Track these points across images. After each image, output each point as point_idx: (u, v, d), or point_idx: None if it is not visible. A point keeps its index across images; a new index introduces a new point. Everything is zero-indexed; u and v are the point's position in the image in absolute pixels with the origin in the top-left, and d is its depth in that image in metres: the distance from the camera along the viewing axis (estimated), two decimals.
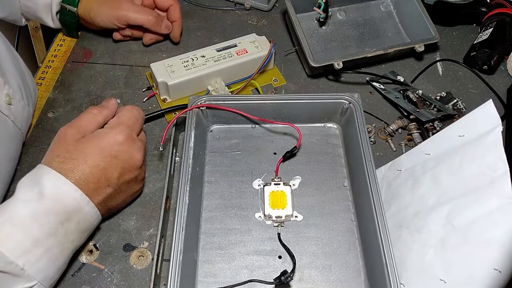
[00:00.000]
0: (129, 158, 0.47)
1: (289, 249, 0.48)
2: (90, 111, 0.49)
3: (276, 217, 0.51)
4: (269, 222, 0.51)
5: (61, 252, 0.43)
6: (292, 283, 0.47)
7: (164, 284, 0.47)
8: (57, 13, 0.67)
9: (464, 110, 0.62)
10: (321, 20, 0.72)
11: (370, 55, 0.65)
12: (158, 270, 0.46)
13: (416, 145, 0.58)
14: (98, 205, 0.46)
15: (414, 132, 0.60)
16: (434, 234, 0.45)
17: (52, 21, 0.68)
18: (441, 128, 0.58)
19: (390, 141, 0.60)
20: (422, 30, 0.69)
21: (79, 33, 0.73)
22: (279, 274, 0.45)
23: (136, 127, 0.50)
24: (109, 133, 0.47)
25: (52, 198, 0.42)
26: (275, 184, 0.54)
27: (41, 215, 0.42)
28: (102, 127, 0.49)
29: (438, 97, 0.64)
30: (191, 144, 0.52)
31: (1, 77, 0.51)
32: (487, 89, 0.67)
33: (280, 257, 0.49)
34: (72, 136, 0.46)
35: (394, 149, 0.60)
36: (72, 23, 0.68)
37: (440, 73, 0.70)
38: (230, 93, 0.64)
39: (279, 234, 0.50)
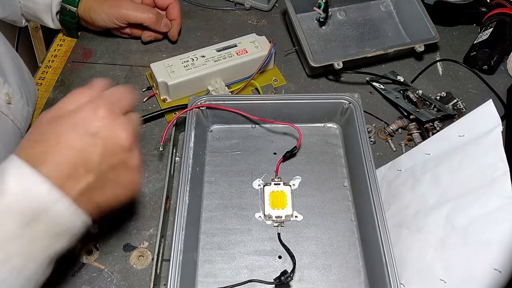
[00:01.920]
0: (111, 136, 0.38)
1: (289, 249, 0.48)
2: (72, 92, 0.41)
3: (276, 217, 0.51)
4: (269, 222, 0.51)
5: (28, 261, 0.34)
6: (292, 283, 0.47)
7: (164, 284, 0.47)
8: (57, 13, 0.67)
9: (464, 110, 0.62)
10: (321, 20, 0.72)
11: (370, 55, 0.65)
12: (158, 270, 0.46)
13: (416, 145, 0.58)
14: (78, 198, 0.36)
15: (414, 132, 0.60)
16: (434, 234, 0.45)
17: (52, 22, 0.68)
18: (441, 128, 0.58)
19: (390, 141, 0.60)
20: (422, 30, 0.69)
21: (79, 33, 0.73)
22: (279, 274, 0.45)
23: (122, 104, 0.41)
24: (85, 107, 0.38)
25: (14, 194, 0.34)
26: (275, 184, 0.54)
27: (0, 215, 0.33)
28: None
29: (438, 97, 0.64)
30: (191, 144, 0.52)
31: (0, 76, 0.51)
32: (487, 89, 0.67)
33: (280, 257, 0.49)
34: (47, 118, 0.38)
35: (394, 149, 0.60)
36: (72, 23, 0.68)
37: (440, 73, 0.70)
38: (230, 93, 0.64)
39: (279, 234, 0.50)
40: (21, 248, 0.34)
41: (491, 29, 0.69)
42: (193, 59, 0.63)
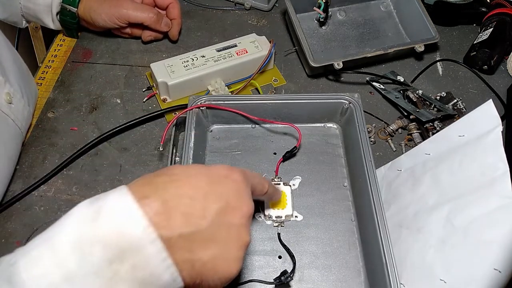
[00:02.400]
0: (239, 198, 0.35)
1: (289, 249, 0.48)
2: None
3: (276, 217, 0.51)
4: (269, 222, 0.51)
5: None
6: (292, 283, 0.47)
7: None
8: (57, 14, 0.67)
9: (464, 110, 0.62)
10: (321, 20, 0.72)
11: (370, 55, 0.65)
12: None
13: (416, 145, 0.58)
14: (178, 241, 0.31)
15: (414, 132, 0.60)
16: (434, 234, 0.45)
17: (52, 22, 0.68)
18: (441, 128, 0.58)
19: (390, 141, 0.60)
20: (422, 30, 0.69)
21: (79, 33, 0.73)
22: (279, 274, 0.45)
23: (254, 181, 0.39)
24: (222, 166, 0.36)
25: (108, 223, 0.29)
26: (275, 184, 0.54)
27: (87, 243, 0.29)
28: None
29: (438, 97, 0.64)
30: (191, 144, 0.52)
31: (1, 76, 0.51)
32: (487, 89, 0.67)
33: (280, 257, 0.49)
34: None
35: (394, 149, 0.60)
36: (73, 23, 0.68)
37: (440, 73, 0.70)
38: (230, 93, 0.64)
39: (279, 234, 0.50)
40: (98, 286, 0.29)
41: (491, 29, 0.69)
42: (193, 59, 0.63)
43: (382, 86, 0.66)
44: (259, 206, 0.52)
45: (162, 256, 0.30)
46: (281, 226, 0.51)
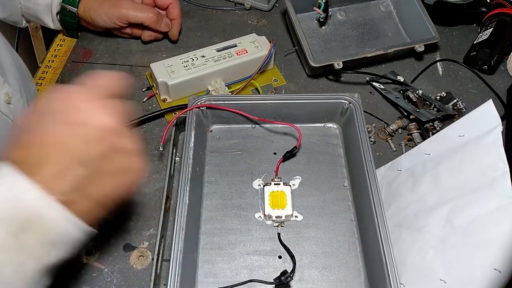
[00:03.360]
0: (93, 120, 0.34)
1: (289, 249, 0.48)
2: (55, 88, 0.37)
3: (276, 217, 0.51)
4: (269, 222, 0.51)
5: (19, 272, 0.31)
6: (292, 283, 0.47)
7: (164, 284, 0.47)
8: (57, 13, 0.67)
9: (464, 110, 0.62)
10: (321, 20, 0.72)
11: (370, 55, 0.65)
12: (158, 270, 0.46)
13: (416, 145, 0.58)
14: (72, 196, 0.33)
15: (414, 132, 0.60)
16: (434, 234, 0.45)
17: (52, 22, 0.68)
18: (441, 128, 0.58)
19: (390, 141, 0.60)
20: (422, 30, 0.69)
21: (79, 33, 0.73)
22: (279, 274, 0.45)
23: (106, 89, 0.37)
24: (64, 96, 0.35)
25: (2, 199, 0.31)
26: (275, 184, 0.54)
27: None
28: None
29: (438, 97, 0.64)
30: (191, 144, 0.52)
31: (0, 76, 0.51)
32: (487, 89, 0.67)
33: (280, 257, 0.49)
34: (33, 116, 0.35)
35: (394, 149, 0.60)
36: (72, 23, 0.68)
37: (440, 73, 0.70)
38: (230, 93, 0.64)
39: (279, 234, 0.50)
40: (11, 258, 0.31)
41: (491, 29, 0.69)
42: (193, 59, 0.63)
43: (382, 86, 0.66)
44: (259, 206, 0.52)
45: (64, 216, 0.32)
46: (281, 226, 0.51)
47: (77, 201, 0.33)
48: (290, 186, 0.54)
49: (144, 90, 0.65)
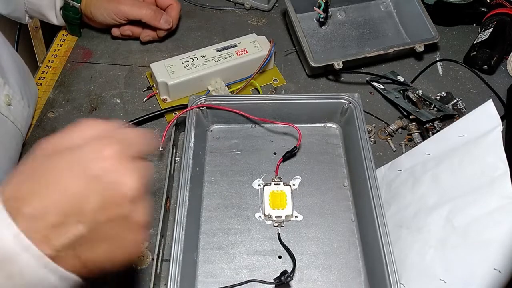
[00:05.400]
0: (116, 182, 0.31)
1: (289, 249, 0.48)
2: (80, 121, 0.34)
3: (276, 217, 0.51)
4: (269, 222, 0.51)
5: None
6: (292, 283, 0.47)
7: (165, 284, 0.47)
8: (60, 9, 0.67)
9: (464, 110, 0.62)
10: (321, 20, 0.72)
11: (370, 55, 0.65)
12: (158, 270, 0.46)
13: (416, 145, 0.58)
14: (62, 250, 0.29)
15: (414, 132, 0.60)
16: (434, 234, 0.45)
17: (55, 18, 0.68)
18: (441, 128, 0.58)
19: (390, 141, 0.60)
20: (422, 30, 0.69)
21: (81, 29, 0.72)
22: (279, 274, 0.45)
23: (134, 147, 0.33)
24: (90, 143, 0.31)
25: None
26: (275, 184, 0.54)
27: None
28: None
29: (438, 97, 0.64)
30: (191, 144, 0.52)
31: (1, 78, 0.51)
32: (487, 89, 0.67)
33: (280, 257, 0.49)
34: (45, 151, 0.32)
35: (394, 149, 0.60)
36: (75, 19, 0.68)
37: (440, 73, 0.70)
38: (230, 93, 0.64)
39: (279, 234, 0.50)
40: None
41: (491, 29, 0.69)
42: (193, 59, 0.63)
43: (382, 86, 0.66)
44: (259, 206, 0.52)
45: (41, 262, 0.29)
46: (281, 226, 0.51)
47: (64, 258, 0.29)
48: (290, 186, 0.54)
49: (144, 90, 0.65)
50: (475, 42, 0.70)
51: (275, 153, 0.57)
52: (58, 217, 0.29)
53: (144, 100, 0.64)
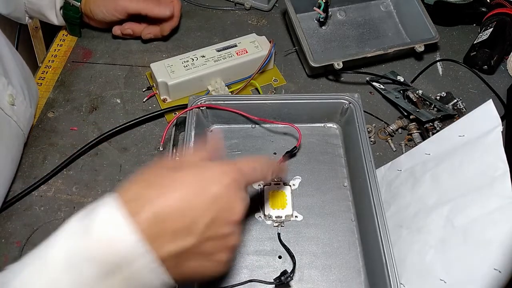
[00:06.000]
0: (229, 206, 0.35)
1: (289, 249, 0.48)
2: (199, 148, 0.39)
3: (276, 217, 0.51)
4: (269, 222, 0.51)
5: None
6: (292, 283, 0.47)
7: None
8: (60, 8, 0.67)
9: (464, 110, 0.62)
10: (321, 20, 0.72)
11: (370, 55, 0.65)
12: None
13: (416, 145, 0.58)
14: (167, 259, 0.32)
15: (414, 132, 0.60)
16: (434, 234, 0.45)
17: (56, 17, 0.68)
18: (441, 128, 0.58)
19: (390, 141, 0.60)
20: (422, 30, 0.69)
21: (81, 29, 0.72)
22: (279, 274, 0.45)
23: (250, 177, 0.38)
24: (215, 167, 0.35)
25: (99, 237, 0.30)
26: (275, 184, 0.54)
27: (79, 260, 0.30)
28: None
29: (438, 97, 0.64)
30: (191, 144, 0.52)
31: (4, 78, 0.51)
32: (487, 89, 0.67)
33: (280, 257, 0.49)
34: (166, 165, 0.35)
35: (394, 149, 0.60)
36: (76, 18, 0.68)
37: (440, 73, 0.70)
38: (230, 93, 0.64)
39: (279, 234, 0.50)
40: None
41: (491, 29, 0.69)
42: (193, 59, 0.63)
43: (382, 86, 0.66)
44: (259, 206, 0.52)
45: (152, 266, 0.31)
46: (281, 226, 0.51)
47: (167, 265, 0.32)
48: (290, 186, 0.54)
49: (144, 90, 0.65)
50: (475, 42, 0.70)
51: (275, 153, 0.57)
52: (173, 224, 0.31)
53: (144, 100, 0.64)
